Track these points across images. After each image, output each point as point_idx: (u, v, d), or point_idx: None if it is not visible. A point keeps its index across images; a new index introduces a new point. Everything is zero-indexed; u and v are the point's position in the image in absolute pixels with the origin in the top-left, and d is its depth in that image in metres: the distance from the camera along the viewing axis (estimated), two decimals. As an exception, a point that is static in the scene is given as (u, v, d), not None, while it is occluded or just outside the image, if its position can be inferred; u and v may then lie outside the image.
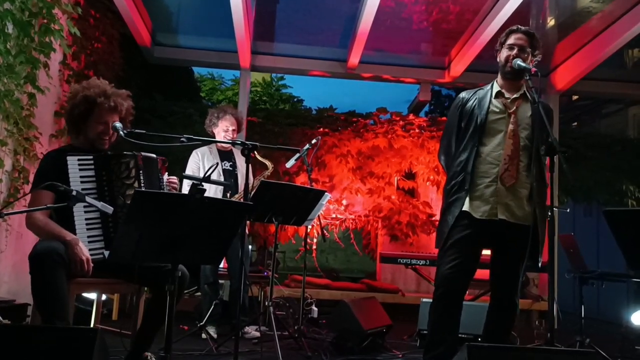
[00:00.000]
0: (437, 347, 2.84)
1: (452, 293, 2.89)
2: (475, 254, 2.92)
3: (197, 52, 6.80)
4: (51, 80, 4.39)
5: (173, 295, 2.24)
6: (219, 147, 4.50)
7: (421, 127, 6.87)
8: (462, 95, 3.09)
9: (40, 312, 2.43)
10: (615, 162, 7.07)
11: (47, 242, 2.47)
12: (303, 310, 4.16)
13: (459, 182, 2.92)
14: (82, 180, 2.65)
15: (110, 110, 2.79)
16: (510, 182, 2.86)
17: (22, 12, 3.85)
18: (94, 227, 2.65)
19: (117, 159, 2.77)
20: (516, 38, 2.95)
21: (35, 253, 2.41)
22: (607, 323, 7.01)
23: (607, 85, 7.04)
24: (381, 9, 5.24)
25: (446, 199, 2.99)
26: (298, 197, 3.73)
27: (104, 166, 2.72)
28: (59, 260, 2.40)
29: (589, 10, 5.52)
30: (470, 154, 2.91)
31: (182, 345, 3.77)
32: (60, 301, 2.41)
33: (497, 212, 2.85)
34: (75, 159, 2.66)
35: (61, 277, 2.42)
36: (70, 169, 2.64)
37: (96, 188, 2.68)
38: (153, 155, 2.89)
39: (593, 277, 4.48)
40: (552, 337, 2.75)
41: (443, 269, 2.89)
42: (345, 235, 6.93)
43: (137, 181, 2.78)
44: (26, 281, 2.70)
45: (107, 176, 2.72)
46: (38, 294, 2.41)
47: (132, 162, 2.78)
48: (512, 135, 2.89)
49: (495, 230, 2.87)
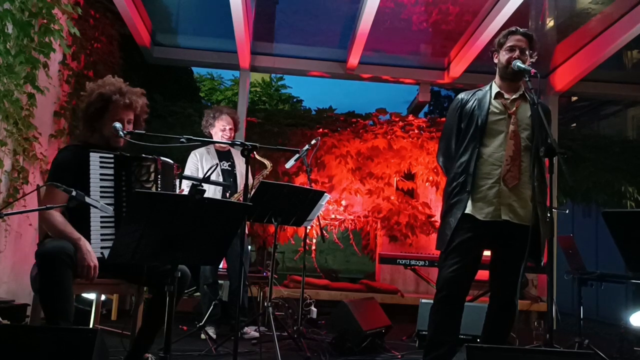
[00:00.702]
0: (437, 348, 2.84)
1: (454, 296, 2.89)
2: (477, 257, 2.92)
3: (196, 53, 6.80)
4: (51, 80, 4.40)
5: (173, 295, 2.24)
6: (216, 147, 4.50)
7: (420, 127, 6.87)
8: (460, 96, 3.09)
9: (46, 309, 2.45)
10: (614, 164, 7.06)
11: (56, 241, 2.50)
12: (302, 310, 4.15)
13: (460, 184, 2.92)
14: (102, 178, 2.68)
15: (125, 107, 2.81)
16: (512, 183, 2.86)
17: (22, 12, 3.85)
18: (107, 226, 2.66)
19: (139, 161, 2.80)
20: (516, 40, 2.95)
21: (45, 251, 2.44)
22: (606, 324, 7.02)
23: (606, 86, 7.04)
24: (381, 10, 5.24)
25: (447, 200, 2.99)
26: (297, 198, 3.74)
27: (123, 166, 2.75)
28: (68, 260, 2.44)
29: (588, 12, 5.52)
30: (471, 155, 2.91)
31: (182, 345, 3.78)
32: (66, 301, 2.44)
33: (501, 213, 2.85)
34: (98, 155, 2.69)
35: (69, 277, 2.45)
36: (92, 165, 2.66)
37: (114, 187, 2.70)
38: (171, 161, 2.95)
39: (592, 278, 4.49)
40: (551, 338, 2.75)
41: (445, 272, 2.88)
42: (344, 235, 6.92)
43: (155, 185, 2.81)
44: (25, 282, 2.71)
45: (126, 176, 2.74)
46: (45, 291, 2.44)
47: (153, 165, 2.82)
48: (513, 136, 2.90)
49: (497, 231, 2.87)
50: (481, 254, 2.96)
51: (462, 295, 2.91)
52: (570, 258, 4.61)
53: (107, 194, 2.66)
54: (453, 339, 2.86)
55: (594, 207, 7.42)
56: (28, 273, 2.67)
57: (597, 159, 7.06)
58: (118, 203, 2.67)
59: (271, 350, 3.61)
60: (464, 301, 2.94)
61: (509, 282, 2.93)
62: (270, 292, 3.93)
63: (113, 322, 4.84)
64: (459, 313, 2.90)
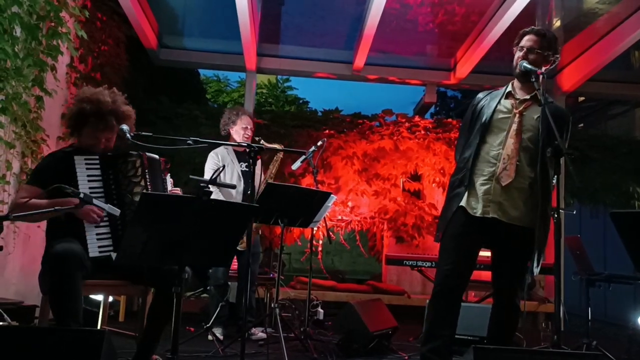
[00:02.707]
0: (434, 340, 2.84)
1: (450, 291, 2.90)
2: (471, 251, 2.92)
3: (202, 55, 6.82)
4: (58, 82, 4.42)
5: (180, 296, 2.25)
6: (235, 148, 4.51)
7: (427, 128, 6.85)
8: (479, 95, 3.11)
9: (55, 310, 2.47)
10: (622, 164, 7.02)
11: (66, 243, 2.52)
12: (309, 312, 4.16)
13: (459, 179, 2.95)
14: (90, 180, 2.72)
15: (102, 130, 2.83)
16: (506, 182, 2.86)
17: (29, 15, 3.87)
18: (102, 225, 2.69)
19: (124, 158, 2.85)
20: (526, 40, 2.95)
21: (56, 253, 2.47)
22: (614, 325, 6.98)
23: (613, 86, 7.01)
24: (387, 11, 5.24)
25: (448, 193, 3.03)
26: (304, 199, 3.74)
27: (110, 165, 2.79)
28: (78, 262, 2.47)
29: (595, 12, 5.50)
30: (472, 151, 2.93)
31: (189, 346, 3.78)
32: (76, 301, 2.47)
33: (490, 210, 2.85)
34: (82, 158, 2.74)
35: (79, 279, 2.49)
36: (78, 168, 2.71)
37: (103, 187, 2.75)
38: (156, 156, 2.97)
39: (600, 279, 4.46)
40: (558, 339, 2.74)
41: (442, 267, 2.91)
42: (350, 237, 6.91)
43: (144, 179, 2.85)
44: (34, 283, 2.73)
45: (114, 175, 2.79)
46: (56, 293, 2.47)
47: (139, 161, 2.87)
48: (514, 135, 2.89)
49: (492, 230, 2.87)
50: (477, 249, 2.96)
51: (459, 289, 2.92)
52: (578, 259, 4.59)
53: (97, 194, 2.69)
54: (449, 333, 2.86)
55: (601, 207, 7.37)
56: (37, 275, 2.69)
57: (604, 160, 7.02)
58: (109, 202, 2.68)
59: (278, 351, 3.61)
60: (461, 295, 2.95)
61: (509, 283, 2.93)
62: (277, 293, 3.94)
63: (120, 323, 4.86)
64: (455, 308, 2.90)
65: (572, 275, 4.69)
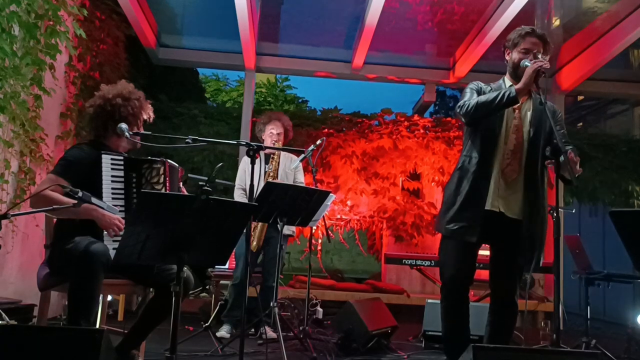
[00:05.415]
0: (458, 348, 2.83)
1: (458, 290, 2.95)
2: (474, 246, 2.92)
3: (201, 54, 6.81)
4: (57, 81, 4.41)
5: (179, 295, 2.24)
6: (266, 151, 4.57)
7: (426, 127, 6.85)
8: (481, 83, 3.06)
9: (73, 307, 2.45)
10: (621, 163, 7.02)
11: (94, 242, 2.49)
12: (308, 311, 4.16)
13: (463, 171, 2.94)
14: (113, 180, 2.70)
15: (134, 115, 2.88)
16: (512, 177, 2.88)
17: (28, 14, 3.86)
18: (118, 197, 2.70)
19: (150, 164, 2.82)
20: (532, 43, 2.91)
21: (87, 250, 2.44)
22: (613, 324, 6.99)
23: (612, 85, 7.01)
24: (386, 10, 5.23)
25: (449, 184, 3.03)
26: (303, 198, 3.73)
27: (133, 168, 2.77)
28: (106, 262, 2.45)
29: (594, 11, 5.50)
30: (475, 146, 2.93)
31: (188, 346, 3.78)
32: (95, 302, 2.48)
33: (497, 204, 2.87)
34: (109, 157, 2.72)
35: (102, 279, 2.48)
36: (104, 166, 2.69)
37: (124, 189, 2.72)
38: (177, 164, 2.97)
39: (599, 278, 4.47)
40: (557, 338, 2.74)
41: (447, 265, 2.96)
42: (350, 236, 6.91)
43: (164, 187, 2.83)
44: (32, 282, 2.72)
45: (137, 179, 2.77)
46: (78, 291, 2.44)
47: (162, 168, 2.84)
48: (516, 131, 2.92)
49: (493, 225, 2.87)
50: (479, 244, 2.95)
51: (465, 287, 2.97)
52: (577, 258, 4.59)
53: (118, 196, 2.68)
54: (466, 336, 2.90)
55: (600, 206, 7.39)
56: (35, 274, 2.69)
57: (603, 159, 7.02)
58: (129, 205, 2.68)
59: (277, 350, 3.61)
60: (467, 293, 2.99)
61: (507, 280, 2.95)
62: (276, 292, 3.94)
63: (119, 322, 4.86)
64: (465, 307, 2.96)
65: (571, 274, 4.69)
